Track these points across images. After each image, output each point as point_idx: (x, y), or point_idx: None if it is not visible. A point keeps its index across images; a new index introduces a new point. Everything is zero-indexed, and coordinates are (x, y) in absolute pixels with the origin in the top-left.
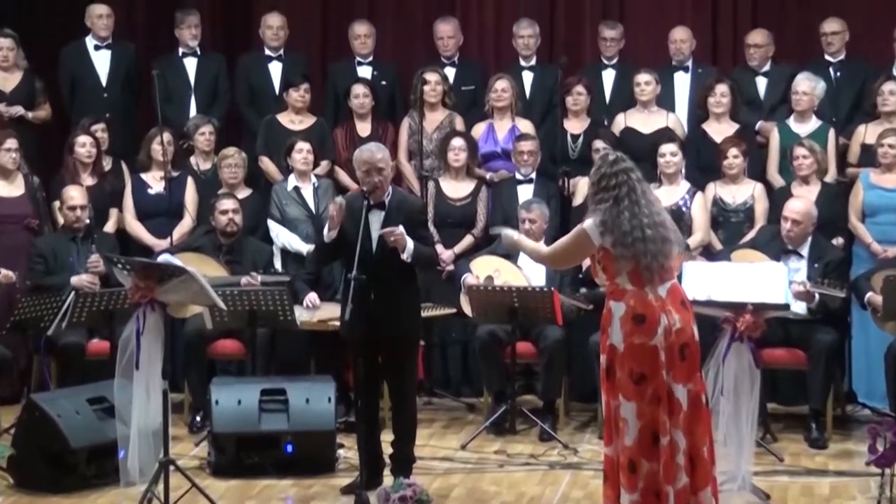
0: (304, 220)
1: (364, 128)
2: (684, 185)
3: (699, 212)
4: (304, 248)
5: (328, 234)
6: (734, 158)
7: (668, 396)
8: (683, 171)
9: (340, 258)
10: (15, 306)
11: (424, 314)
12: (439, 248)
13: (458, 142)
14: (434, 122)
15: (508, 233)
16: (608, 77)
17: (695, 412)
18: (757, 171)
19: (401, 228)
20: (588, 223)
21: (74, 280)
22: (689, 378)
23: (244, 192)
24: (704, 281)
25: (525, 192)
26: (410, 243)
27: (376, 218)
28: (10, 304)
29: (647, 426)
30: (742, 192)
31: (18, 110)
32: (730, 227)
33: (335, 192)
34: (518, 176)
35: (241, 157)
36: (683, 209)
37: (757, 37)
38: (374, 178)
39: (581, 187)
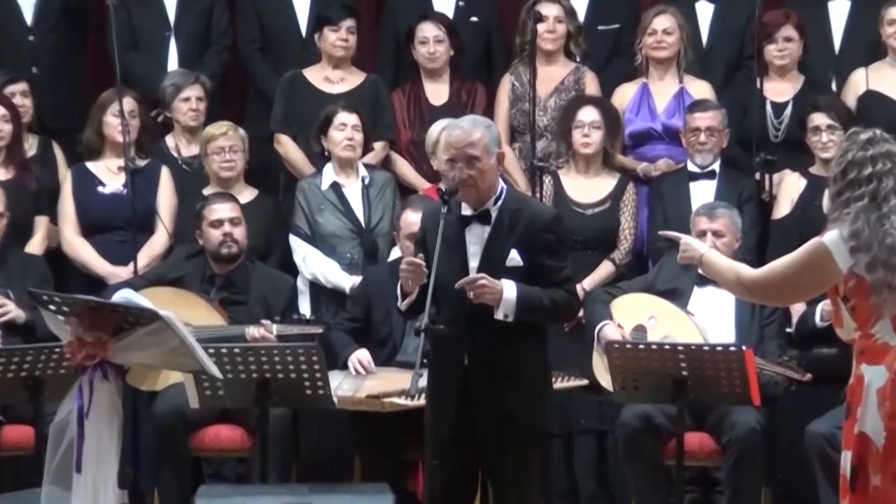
0: (348, 237)
1: (438, 91)
2: None
3: None
4: (348, 281)
5: (404, 302)
6: None
7: None
8: None
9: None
10: None
11: None
12: None
13: (589, 113)
14: (552, 82)
15: (690, 242)
16: (837, 11)
17: None
18: None
19: (484, 279)
20: (829, 236)
21: None
22: None
23: (249, 193)
24: None
25: (703, 193)
26: (510, 291)
27: (476, 237)
28: None
29: None
30: None
31: None
32: None
33: (398, 194)
34: (691, 167)
35: (241, 136)
36: None
37: None
38: (464, 172)
39: (789, 186)
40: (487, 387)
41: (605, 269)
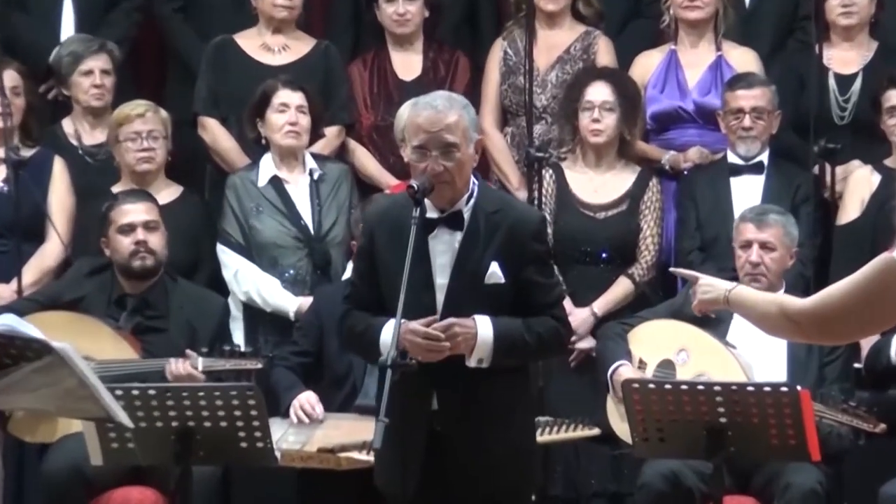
0: (293, 247)
1: (409, 62)
2: None
3: None
4: (293, 303)
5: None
6: None
7: None
8: None
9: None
10: None
11: (537, 439)
12: (567, 306)
13: (601, 90)
14: (555, 50)
15: (710, 283)
16: None
17: None
18: None
19: (456, 325)
20: None
21: None
22: None
23: (172, 191)
24: None
25: (747, 192)
26: (486, 329)
27: (444, 246)
28: None
29: None
30: None
31: None
32: None
33: (356, 192)
34: (732, 158)
35: (162, 118)
36: None
37: None
38: (437, 163)
39: (858, 182)
40: (462, 436)
41: (621, 288)
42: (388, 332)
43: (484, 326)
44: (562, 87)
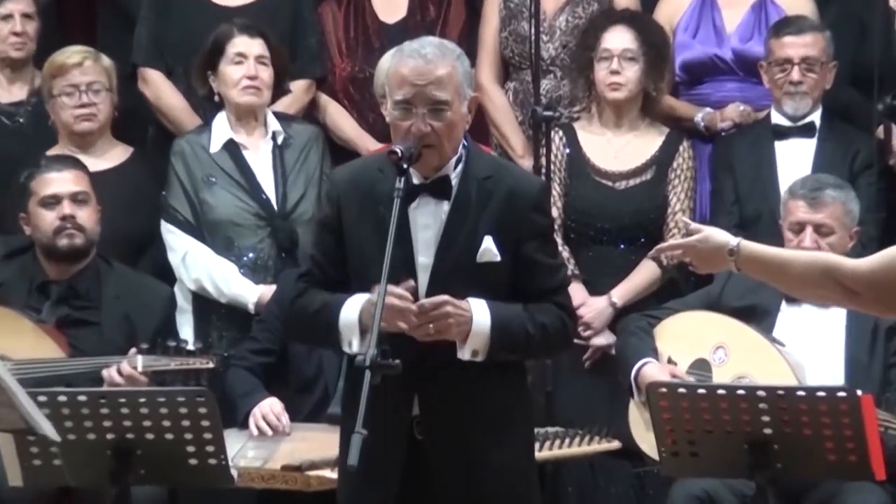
0: (252, 226)
1: (392, 1)
2: None
3: None
4: (253, 293)
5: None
6: None
7: None
8: None
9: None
10: None
11: (544, 454)
12: (576, 292)
13: (621, 37)
14: None
15: (708, 235)
16: None
17: None
18: None
19: (449, 303)
20: None
21: None
22: None
23: (116, 152)
24: None
25: (795, 158)
26: (482, 316)
27: (429, 218)
28: None
29: None
30: None
31: None
32: None
33: (329, 158)
34: (778, 119)
35: (105, 67)
36: None
37: None
38: (424, 122)
39: None
40: (448, 448)
41: (645, 273)
42: (351, 310)
43: (480, 311)
44: (573, 33)
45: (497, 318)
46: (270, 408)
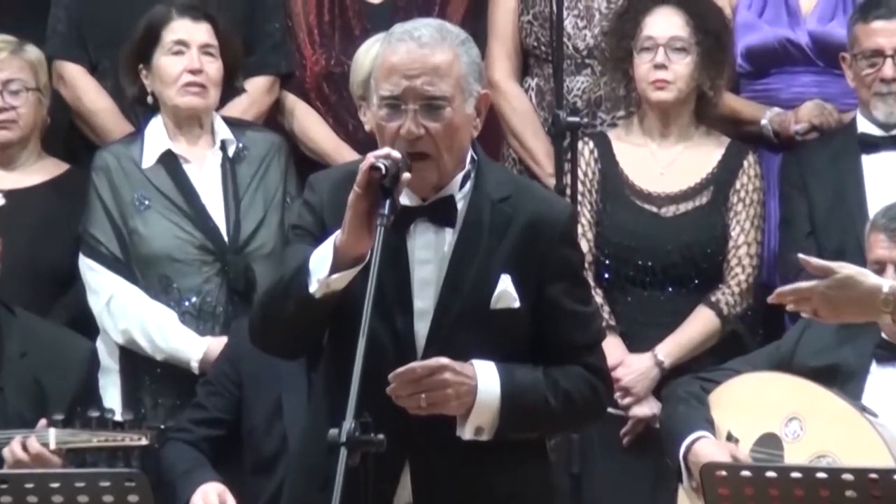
0: (196, 261)
1: None
2: None
3: None
4: (197, 347)
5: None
6: None
7: None
8: None
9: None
10: None
11: None
12: (612, 349)
13: (666, 20)
14: None
15: (852, 274)
16: None
17: None
18: None
19: (447, 368)
20: None
21: None
22: None
23: (44, 168)
24: None
25: (887, 175)
26: (490, 384)
27: (428, 251)
28: None
29: None
30: None
31: None
32: None
33: (294, 174)
34: (865, 126)
35: (31, 61)
36: None
37: None
38: (416, 123)
39: None
40: None
41: (699, 324)
42: (321, 257)
43: (487, 378)
44: (609, 17)
45: (509, 387)
46: (216, 493)
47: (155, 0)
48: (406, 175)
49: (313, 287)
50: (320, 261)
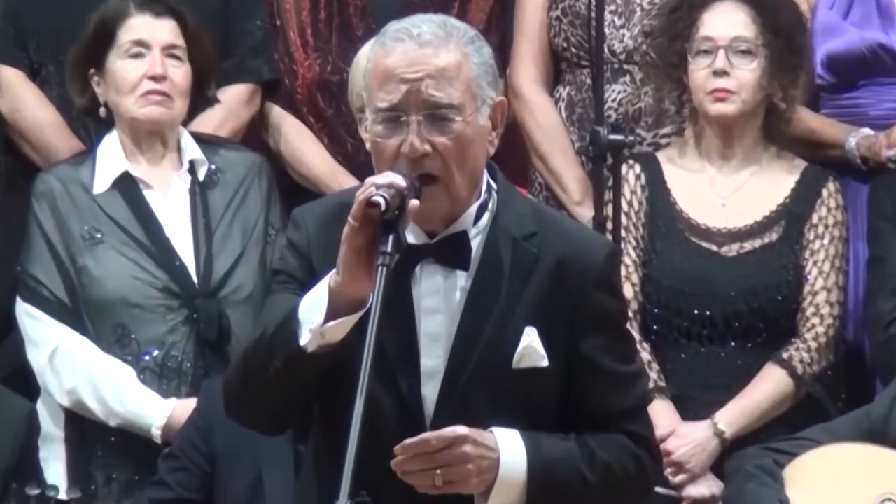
0: (159, 306)
1: None
2: None
3: None
4: (159, 412)
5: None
6: None
7: None
8: None
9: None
10: None
11: None
12: (662, 415)
13: (729, 17)
14: None
15: None
16: None
17: None
18: None
19: (467, 440)
20: None
21: None
22: None
23: None
24: None
25: None
26: (515, 458)
27: (437, 298)
28: None
29: None
30: None
31: None
32: None
33: (277, 202)
34: None
35: None
36: None
37: None
38: (421, 137)
39: None
40: None
41: (769, 386)
42: (313, 303)
43: (511, 450)
44: (657, 14)
45: (537, 460)
46: None
47: None
48: (414, 202)
49: (304, 339)
50: (312, 306)
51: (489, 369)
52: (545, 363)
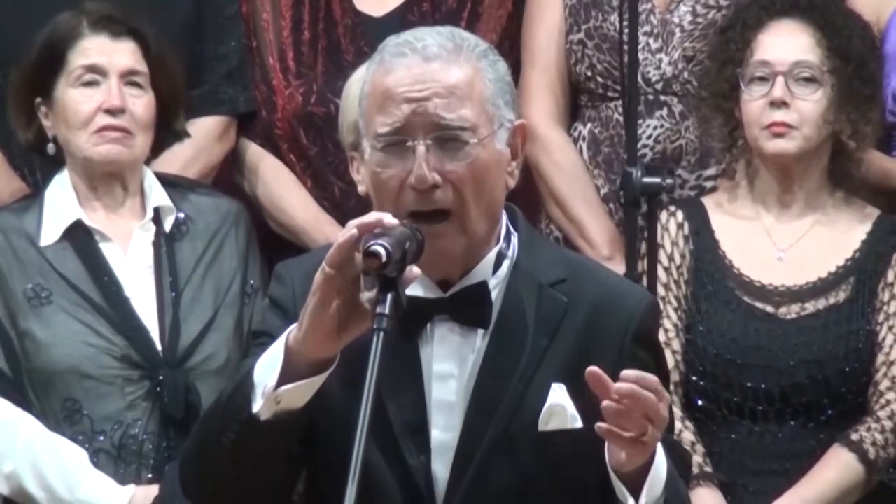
0: (118, 378)
1: None
2: None
3: None
4: (117, 500)
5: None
6: None
7: None
8: None
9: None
10: None
11: None
12: (709, 502)
13: (788, 40)
14: None
15: None
16: None
17: None
18: None
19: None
20: None
21: None
22: None
23: None
24: None
25: None
26: (661, 456)
27: (450, 361)
28: None
29: None
30: None
31: None
32: None
33: (256, 255)
34: None
35: None
36: None
37: None
38: (427, 165)
39: None
40: None
41: (835, 471)
42: (268, 362)
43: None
44: (702, 35)
45: (671, 470)
46: None
47: (60, 6)
48: (415, 272)
49: (257, 405)
50: (267, 367)
51: (510, 438)
52: (578, 425)
